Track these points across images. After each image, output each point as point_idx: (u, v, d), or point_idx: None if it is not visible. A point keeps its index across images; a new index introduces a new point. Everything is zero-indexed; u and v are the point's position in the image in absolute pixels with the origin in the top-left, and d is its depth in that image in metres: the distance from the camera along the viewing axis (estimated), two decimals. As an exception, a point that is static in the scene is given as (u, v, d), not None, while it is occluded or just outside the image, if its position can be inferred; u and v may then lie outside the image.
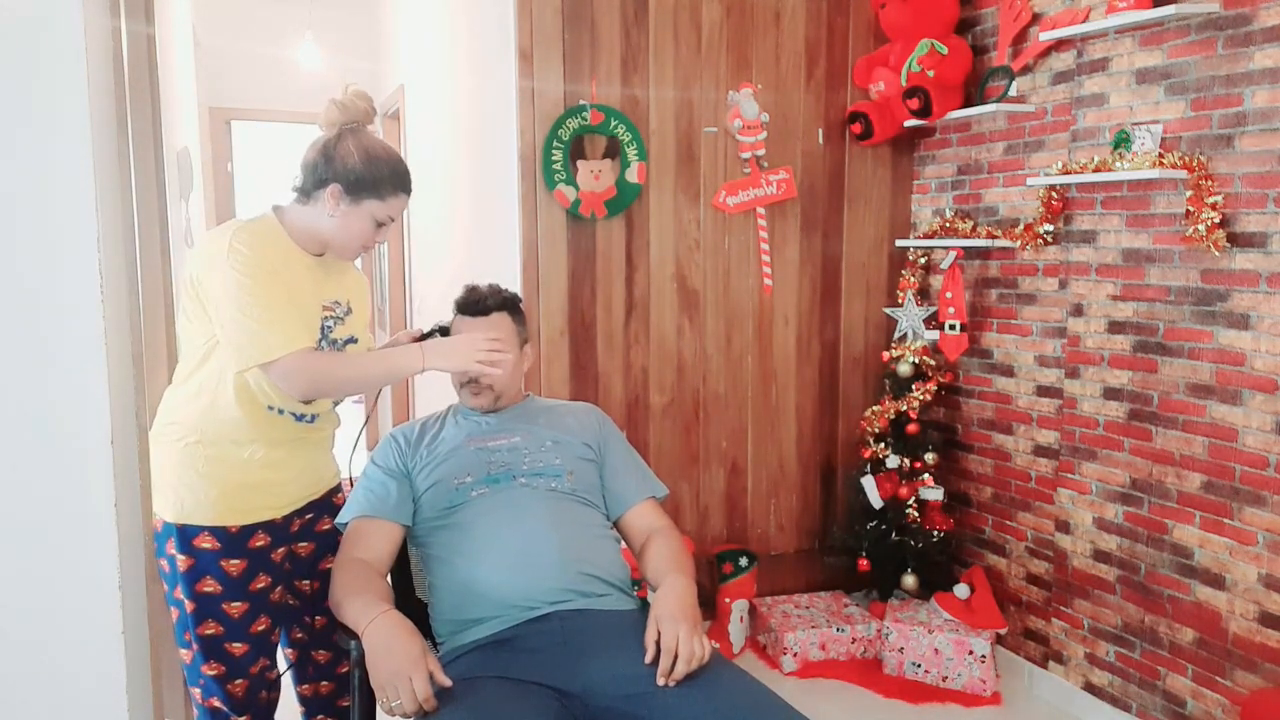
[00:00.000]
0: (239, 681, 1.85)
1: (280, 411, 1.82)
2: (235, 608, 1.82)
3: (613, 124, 3.06)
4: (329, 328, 1.85)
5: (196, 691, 1.87)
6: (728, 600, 3.24)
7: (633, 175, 3.09)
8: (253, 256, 1.70)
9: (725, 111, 3.25)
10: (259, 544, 1.84)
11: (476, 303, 1.93)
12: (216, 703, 1.86)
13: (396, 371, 1.81)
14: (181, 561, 1.79)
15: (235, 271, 1.68)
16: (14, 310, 1.30)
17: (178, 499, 1.79)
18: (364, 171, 1.77)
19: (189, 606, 1.81)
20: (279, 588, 1.91)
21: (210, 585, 1.80)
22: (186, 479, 1.78)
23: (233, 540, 1.80)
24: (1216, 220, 2.34)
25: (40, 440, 1.32)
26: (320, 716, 2.10)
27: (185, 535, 1.79)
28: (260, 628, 1.87)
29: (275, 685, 1.97)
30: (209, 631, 1.81)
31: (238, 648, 1.83)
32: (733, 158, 3.28)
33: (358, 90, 1.85)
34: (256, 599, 1.85)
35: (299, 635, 2.03)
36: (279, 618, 1.94)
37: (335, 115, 1.82)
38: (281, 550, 1.90)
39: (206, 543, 1.79)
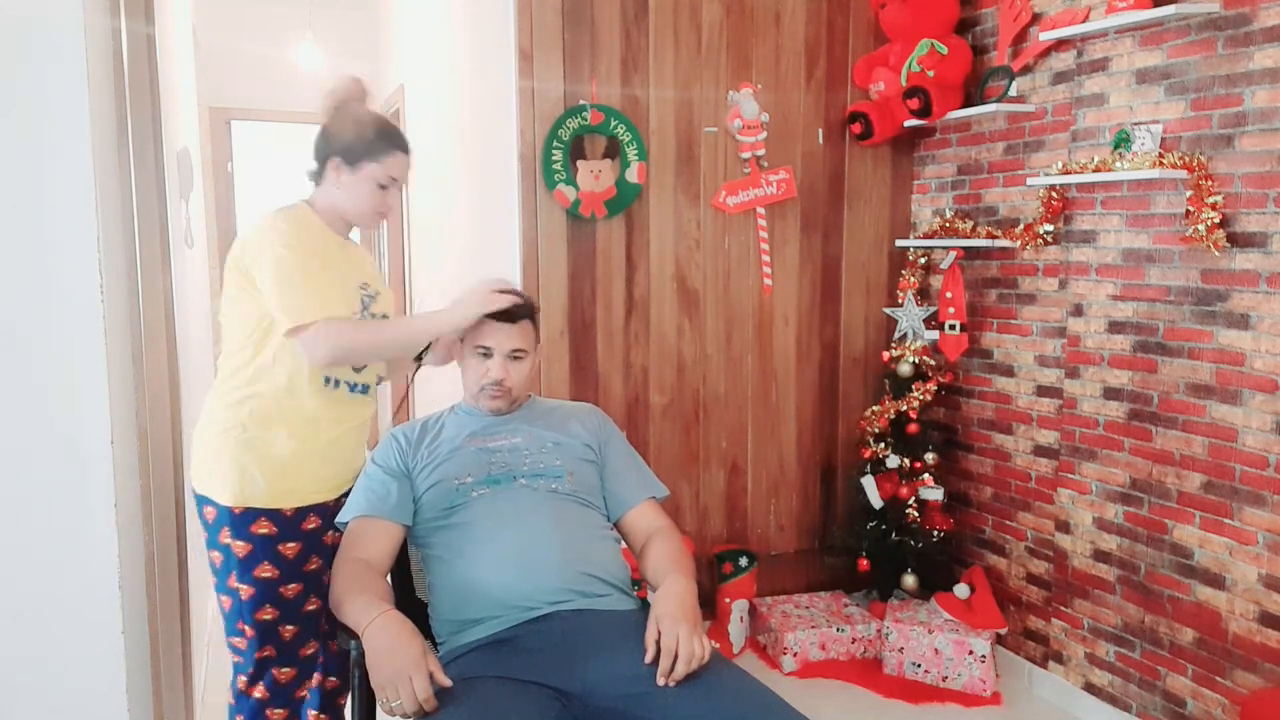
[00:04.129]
0: (287, 669, 1.93)
1: (336, 384, 1.91)
2: (291, 589, 1.90)
3: (613, 124, 3.06)
4: (367, 302, 1.96)
5: (243, 679, 1.94)
6: (728, 600, 3.24)
7: (633, 175, 3.09)
8: (292, 232, 1.85)
9: (725, 111, 3.25)
10: (311, 526, 1.92)
11: (508, 310, 1.91)
12: (260, 691, 1.92)
13: (419, 333, 1.91)
14: (239, 548, 1.86)
15: (276, 246, 1.82)
16: (14, 310, 1.30)
17: (236, 483, 1.85)
18: (354, 138, 1.90)
19: (246, 593, 1.87)
20: (328, 573, 1.96)
21: (269, 570, 1.87)
22: (240, 463, 1.85)
23: (288, 523, 1.88)
24: (1216, 220, 2.34)
25: (40, 440, 1.32)
26: (315, 713, 2.13)
27: (242, 521, 1.85)
28: (311, 608, 1.94)
29: (310, 676, 2.03)
30: (266, 616, 1.89)
31: (289, 629, 1.92)
32: (733, 158, 3.28)
33: (346, 74, 2.00)
34: (310, 579, 1.93)
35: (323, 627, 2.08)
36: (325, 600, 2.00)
37: (328, 100, 1.97)
38: (331, 534, 1.97)
39: (264, 528, 1.86)
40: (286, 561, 1.89)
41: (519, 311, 1.94)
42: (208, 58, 5.45)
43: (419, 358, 2.05)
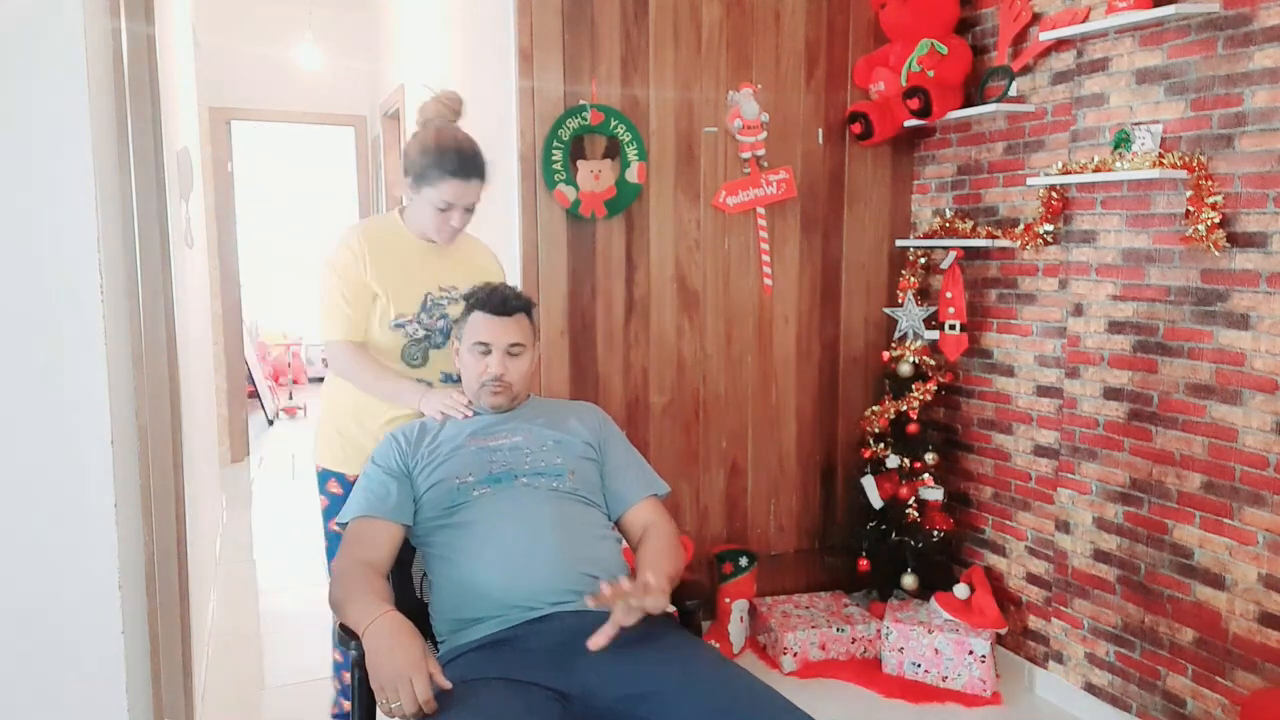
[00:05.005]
0: None
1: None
2: None
3: (613, 124, 3.06)
4: (440, 304, 2.15)
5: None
6: (728, 600, 3.24)
7: (633, 175, 3.09)
8: (340, 258, 2.08)
9: (725, 111, 3.25)
10: None
11: (502, 302, 1.95)
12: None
13: (396, 399, 2.10)
14: (321, 501, 2.23)
15: (328, 264, 2.10)
16: (15, 310, 1.30)
17: (321, 448, 2.22)
18: (417, 161, 2.05)
19: (325, 541, 2.22)
20: None
21: (337, 526, 2.12)
22: (326, 432, 2.21)
23: (351, 487, 2.08)
24: (1216, 220, 2.34)
25: (40, 440, 1.32)
26: None
27: (323, 479, 2.21)
28: None
29: None
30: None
31: None
32: (733, 158, 3.28)
33: (443, 91, 2.17)
34: None
35: None
36: None
37: (418, 116, 2.14)
38: None
39: (334, 488, 2.19)
40: None
41: (514, 305, 1.95)
42: (208, 58, 5.45)
43: None
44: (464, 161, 2.04)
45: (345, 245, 2.10)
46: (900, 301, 3.39)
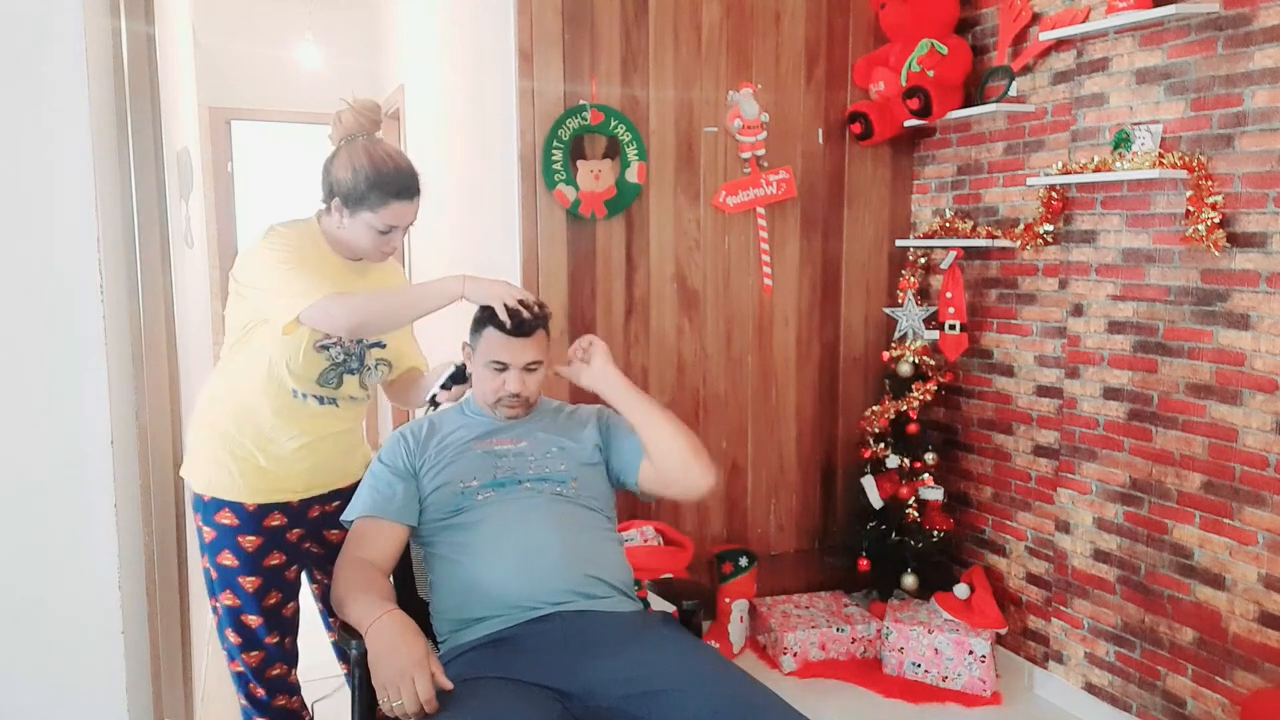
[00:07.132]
0: (255, 652, 1.99)
1: (304, 397, 1.93)
2: (249, 581, 1.95)
3: (613, 124, 3.06)
4: None
5: (224, 655, 2.04)
6: (728, 600, 3.24)
7: (633, 175, 3.09)
8: (284, 242, 1.85)
9: (725, 111, 3.24)
10: (274, 523, 1.96)
11: (520, 325, 1.85)
12: (239, 667, 2.02)
13: (435, 298, 1.82)
14: (206, 533, 1.94)
15: (272, 251, 1.82)
16: (15, 310, 1.30)
17: (207, 474, 1.93)
18: (351, 185, 1.84)
19: (212, 574, 1.96)
20: (294, 567, 2.03)
21: (229, 559, 1.94)
22: (215, 456, 1.92)
23: (249, 518, 1.93)
24: (1216, 220, 2.34)
25: (40, 440, 1.32)
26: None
27: (210, 509, 1.93)
28: (272, 602, 1.98)
29: (292, 658, 2.07)
30: (228, 602, 1.96)
31: (253, 619, 1.97)
32: (733, 158, 3.28)
33: (359, 101, 1.90)
34: (270, 575, 1.97)
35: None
36: (292, 594, 2.05)
37: (335, 131, 1.90)
38: (298, 531, 2.01)
39: (226, 519, 1.92)
40: (245, 554, 1.93)
41: (533, 324, 1.88)
42: (208, 58, 5.45)
43: (433, 400, 2.03)
44: (405, 182, 1.87)
45: (280, 239, 1.86)
46: (900, 301, 3.39)
